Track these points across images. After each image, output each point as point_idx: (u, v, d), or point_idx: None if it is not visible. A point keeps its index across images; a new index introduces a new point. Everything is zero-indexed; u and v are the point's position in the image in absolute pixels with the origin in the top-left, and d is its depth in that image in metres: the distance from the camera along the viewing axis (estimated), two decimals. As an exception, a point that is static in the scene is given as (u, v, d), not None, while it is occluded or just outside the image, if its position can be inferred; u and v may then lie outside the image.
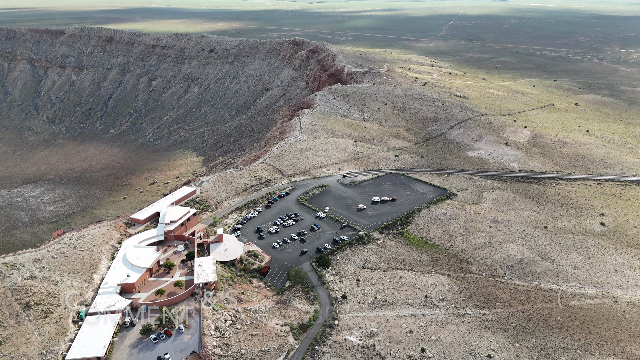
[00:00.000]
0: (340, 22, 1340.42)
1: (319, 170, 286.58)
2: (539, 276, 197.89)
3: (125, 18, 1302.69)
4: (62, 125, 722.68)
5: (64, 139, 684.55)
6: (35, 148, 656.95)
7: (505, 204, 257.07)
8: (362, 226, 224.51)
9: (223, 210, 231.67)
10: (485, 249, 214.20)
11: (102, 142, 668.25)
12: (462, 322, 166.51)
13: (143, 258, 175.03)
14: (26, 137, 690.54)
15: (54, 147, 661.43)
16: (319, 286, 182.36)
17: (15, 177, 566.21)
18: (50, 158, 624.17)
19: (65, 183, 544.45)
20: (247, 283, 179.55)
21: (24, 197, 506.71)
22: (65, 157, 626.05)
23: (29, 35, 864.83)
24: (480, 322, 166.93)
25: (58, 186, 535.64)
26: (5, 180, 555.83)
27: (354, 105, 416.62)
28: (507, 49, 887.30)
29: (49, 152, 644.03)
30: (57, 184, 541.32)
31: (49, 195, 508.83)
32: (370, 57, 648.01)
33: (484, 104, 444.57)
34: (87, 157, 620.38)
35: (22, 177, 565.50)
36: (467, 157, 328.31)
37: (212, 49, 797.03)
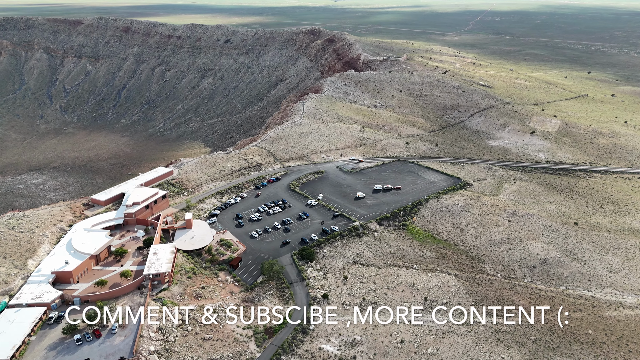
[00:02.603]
0: (363, 17, 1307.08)
1: (317, 155, 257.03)
2: (567, 280, 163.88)
3: (148, 13, 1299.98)
4: (74, 114, 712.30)
5: (75, 128, 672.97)
6: (45, 136, 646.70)
7: (529, 196, 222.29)
8: (358, 216, 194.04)
9: (201, 194, 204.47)
10: (502, 246, 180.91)
11: (112, 132, 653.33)
12: (468, 332, 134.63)
13: (90, 243, 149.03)
14: (37, 126, 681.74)
15: (64, 135, 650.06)
16: (298, 283, 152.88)
17: (21, 165, 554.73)
18: (58, 146, 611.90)
19: (70, 171, 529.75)
20: (211, 276, 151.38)
21: (26, 184, 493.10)
22: (73, 145, 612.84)
23: (47, 24, 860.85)
24: (491, 333, 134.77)
25: (62, 174, 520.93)
26: (11, 167, 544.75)
27: (366, 91, 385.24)
28: (537, 42, 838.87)
29: (58, 140, 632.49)
30: (61, 172, 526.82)
31: (51, 182, 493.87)
32: (390, 47, 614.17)
33: (509, 93, 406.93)
34: (95, 146, 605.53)
35: (27, 165, 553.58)
36: (487, 147, 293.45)
37: (227, 39, 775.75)
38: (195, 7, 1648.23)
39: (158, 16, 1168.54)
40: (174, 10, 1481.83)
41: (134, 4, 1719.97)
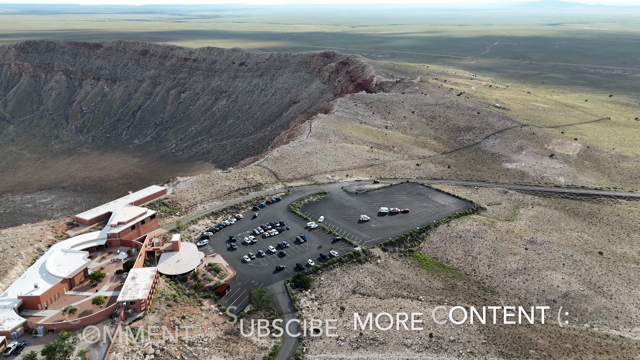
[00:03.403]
0: (379, 42, 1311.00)
1: (321, 176, 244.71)
2: (592, 316, 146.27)
3: (169, 38, 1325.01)
4: (89, 134, 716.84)
5: (88, 148, 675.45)
6: (59, 156, 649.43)
7: (548, 222, 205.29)
8: (360, 240, 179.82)
9: (194, 214, 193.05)
10: (519, 277, 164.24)
11: (124, 152, 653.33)
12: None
13: (65, 266, 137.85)
14: (52, 146, 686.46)
15: (77, 155, 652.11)
16: (289, 314, 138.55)
17: (32, 184, 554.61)
18: (70, 166, 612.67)
19: (79, 191, 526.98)
20: (194, 304, 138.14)
21: (35, 204, 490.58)
22: (85, 165, 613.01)
23: (67, 47, 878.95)
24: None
25: (71, 194, 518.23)
26: (22, 186, 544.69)
27: (377, 112, 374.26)
28: (556, 66, 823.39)
29: (70, 160, 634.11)
30: (70, 192, 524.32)
31: (59, 202, 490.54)
32: (404, 69, 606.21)
33: (527, 116, 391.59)
34: (107, 166, 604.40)
35: (38, 184, 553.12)
36: (503, 169, 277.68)
37: (242, 62, 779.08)
38: (215, 32, 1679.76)
39: (178, 41, 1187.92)
40: (194, 36, 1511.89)
41: (157, 30, 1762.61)
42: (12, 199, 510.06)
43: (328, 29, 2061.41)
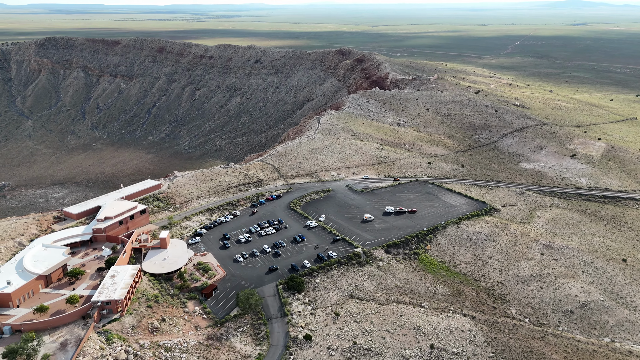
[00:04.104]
0: (398, 41, 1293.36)
1: (326, 173, 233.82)
2: (613, 330, 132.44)
3: (188, 37, 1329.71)
4: (104, 130, 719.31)
5: (103, 144, 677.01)
6: (74, 151, 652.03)
7: (567, 226, 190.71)
8: (362, 241, 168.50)
9: (188, 210, 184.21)
10: (533, 284, 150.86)
11: (138, 148, 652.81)
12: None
13: (43, 262, 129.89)
14: (68, 141, 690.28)
15: (92, 151, 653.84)
16: (278, 318, 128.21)
17: (46, 179, 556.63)
18: (85, 161, 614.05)
19: (91, 186, 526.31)
20: (177, 306, 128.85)
21: (47, 198, 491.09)
22: (99, 161, 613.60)
23: (85, 44, 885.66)
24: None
25: (83, 189, 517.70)
26: (36, 181, 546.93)
27: (390, 109, 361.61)
28: (580, 65, 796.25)
29: (85, 155, 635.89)
30: (82, 187, 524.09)
31: (71, 197, 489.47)
32: (421, 67, 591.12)
33: (548, 115, 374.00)
34: (120, 162, 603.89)
35: (52, 179, 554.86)
36: (521, 169, 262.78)
37: (258, 59, 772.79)
38: (233, 31, 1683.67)
39: (195, 39, 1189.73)
40: (213, 34, 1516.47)
41: (178, 29, 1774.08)
42: (25, 193, 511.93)
43: (347, 28, 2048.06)
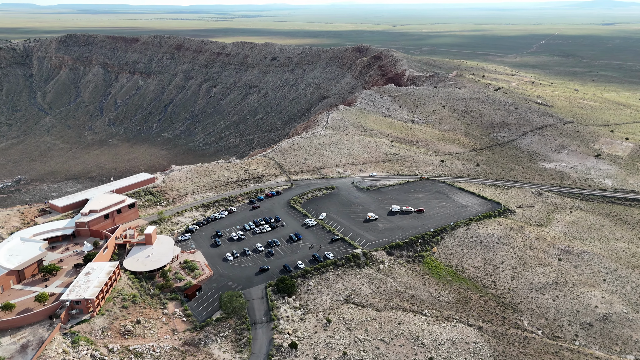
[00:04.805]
0: (419, 40, 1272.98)
1: (332, 169, 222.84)
2: (637, 346, 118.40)
3: (208, 35, 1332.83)
4: (121, 127, 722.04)
5: (119, 140, 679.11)
6: (90, 147, 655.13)
7: (588, 229, 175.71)
8: (363, 242, 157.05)
9: (182, 205, 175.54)
10: (548, 293, 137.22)
11: (153, 145, 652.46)
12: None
13: (18, 256, 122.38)
14: (85, 137, 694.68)
15: (108, 147, 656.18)
16: (263, 324, 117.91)
17: (61, 173, 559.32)
18: (100, 157, 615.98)
19: (105, 181, 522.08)
20: (156, 307, 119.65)
21: (60, 193, 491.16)
22: (114, 157, 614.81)
23: (105, 41, 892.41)
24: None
25: (97, 184, 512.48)
26: (51, 175, 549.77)
27: (404, 105, 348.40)
28: (608, 65, 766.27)
29: (101, 151, 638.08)
30: (96, 182, 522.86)
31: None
32: (440, 64, 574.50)
33: (572, 113, 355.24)
34: (135, 158, 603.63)
35: (67, 174, 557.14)
36: (540, 169, 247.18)
37: (274, 57, 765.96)
38: (253, 30, 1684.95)
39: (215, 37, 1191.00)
40: (233, 33, 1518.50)
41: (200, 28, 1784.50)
42: (40, 188, 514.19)
43: (368, 27, 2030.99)
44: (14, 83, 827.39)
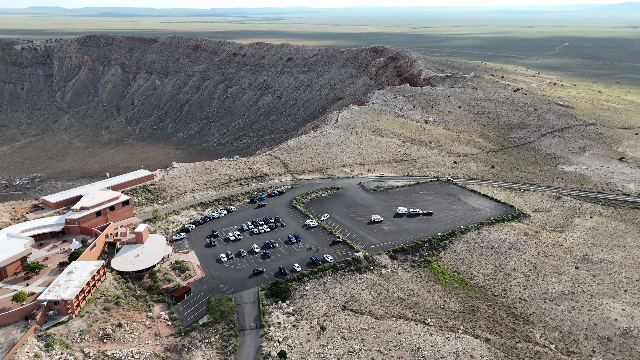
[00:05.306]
0: (438, 42, 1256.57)
1: (338, 169, 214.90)
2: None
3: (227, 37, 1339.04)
4: (137, 126, 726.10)
5: (135, 140, 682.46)
6: (106, 146, 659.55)
7: (609, 236, 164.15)
8: (366, 245, 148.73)
9: (179, 204, 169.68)
10: (563, 304, 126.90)
11: (167, 145, 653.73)
12: None
13: (1, 253, 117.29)
14: (101, 136, 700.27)
15: (123, 146, 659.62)
16: (252, 330, 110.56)
17: (76, 171, 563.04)
18: (115, 156, 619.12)
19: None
20: (141, 309, 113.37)
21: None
22: (129, 156, 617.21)
23: (124, 42, 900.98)
24: None
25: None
26: (66, 174, 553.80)
27: (419, 105, 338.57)
28: (634, 67, 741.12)
29: (116, 150, 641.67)
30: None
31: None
32: (457, 65, 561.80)
33: (594, 115, 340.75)
34: (149, 157, 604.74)
35: (82, 172, 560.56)
36: (559, 172, 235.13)
37: (290, 57, 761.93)
38: (272, 32, 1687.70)
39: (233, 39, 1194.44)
40: (252, 35, 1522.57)
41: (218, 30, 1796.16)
42: (54, 185, 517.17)
43: (387, 29, 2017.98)
44: (35, 82, 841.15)
